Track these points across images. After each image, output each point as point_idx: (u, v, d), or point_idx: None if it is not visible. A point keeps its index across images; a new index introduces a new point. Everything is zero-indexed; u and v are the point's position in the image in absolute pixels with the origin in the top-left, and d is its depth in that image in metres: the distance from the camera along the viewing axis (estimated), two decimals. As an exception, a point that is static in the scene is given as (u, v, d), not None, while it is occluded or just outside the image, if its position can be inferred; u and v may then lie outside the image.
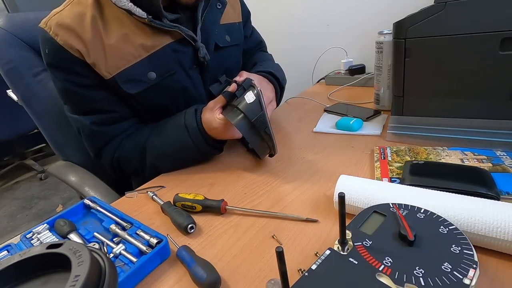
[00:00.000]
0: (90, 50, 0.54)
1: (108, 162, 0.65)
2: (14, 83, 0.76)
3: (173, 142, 0.60)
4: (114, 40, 0.55)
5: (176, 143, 0.60)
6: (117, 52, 0.56)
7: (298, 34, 1.31)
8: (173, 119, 0.62)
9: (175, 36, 0.60)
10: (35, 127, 0.80)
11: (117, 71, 0.56)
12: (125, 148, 0.63)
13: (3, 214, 1.99)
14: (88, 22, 0.54)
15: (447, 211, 0.35)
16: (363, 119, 0.72)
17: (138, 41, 0.57)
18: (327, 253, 0.32)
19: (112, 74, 0.56)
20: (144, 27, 0.57)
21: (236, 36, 0.74)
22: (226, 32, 0.70)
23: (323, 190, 0.50)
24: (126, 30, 0.56)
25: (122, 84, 0.57)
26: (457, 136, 0.56)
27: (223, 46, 0.69)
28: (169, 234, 0.44)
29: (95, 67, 0.55)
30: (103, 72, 0.56)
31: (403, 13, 0.65)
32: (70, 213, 0.52)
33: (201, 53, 0.62)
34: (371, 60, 0.82)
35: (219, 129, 0.57)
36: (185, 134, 0.58)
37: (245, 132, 0.53)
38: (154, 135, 0.62)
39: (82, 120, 0.60)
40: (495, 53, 0.52)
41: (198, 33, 0.62)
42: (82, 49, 0.54)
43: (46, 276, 0.25)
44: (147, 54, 0.58)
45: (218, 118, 0.56)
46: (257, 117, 0.53)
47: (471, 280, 0.26)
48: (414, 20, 0.57)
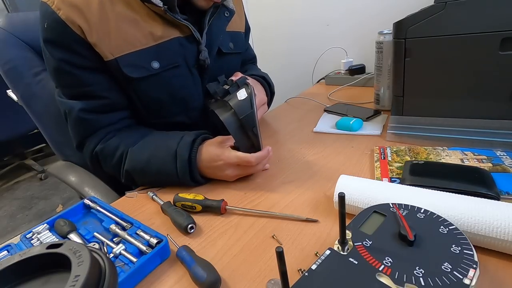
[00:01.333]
0: (93, 29, 0.52)
1: (89, 154, 0.62)
2: (14, 83, 0.76)
3: (156, 164, 0.55)
4: (122, 22, 0.54)
5: (159, 167, 0.55)
6: (124, 35, 0.55)
7: (298, 34, 1.31)
8: (166, 139, 0.58)
9: (184, 31, 0.60)
10: (35, 127, 0.80)
11: (120, 53, 0.55)
12: (109, 144, 0.60)
13: (3, 214, 1.99)
14: (96, 2, 0.53)
15: (447, 211, 0.35)
16: (363, 119, 0.72)
17: (147, 29, 0.56)
18: (327, 253, 0.32)
19: (114, 55, 0.55)
20: (155, 16, 0.57)
21: (239, 44, 0.75)
22: (230, 39, 0.71)
23: (323, 190, 0.50)
24: (136, 16, 0.56)
25: (124, 67, 0.55)
26: (457, 136, 0.56)
27: (226, 52, 0.69)
28: (169, 234, 0.44)
29: (95, 47, 0.53)
30: (105, 53, 0.54)
31: (403, 13, 0.65)
32: (70, 213, 0.52)
33: (202, 56, 0.62)
34: (371, 60, 0.82)
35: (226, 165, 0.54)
36: (172, 163, 0.54)
37: (232, 129, 0.53)
38: (141, 147, 0.58)
39: (71, 104, 0.58)
40: (495, 53, 0.52)
41: (204, 36, 0.62)
42: (85, 26, 0.52)
43: (46, 276, 0.25)
44: (154, 43, 0.57)
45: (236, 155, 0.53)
46: (246, 115, 0.52)
47: (471, 280, 0.26)
48: (414, 20, 0.57)
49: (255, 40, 1.41)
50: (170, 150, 0.55)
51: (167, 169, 0.55)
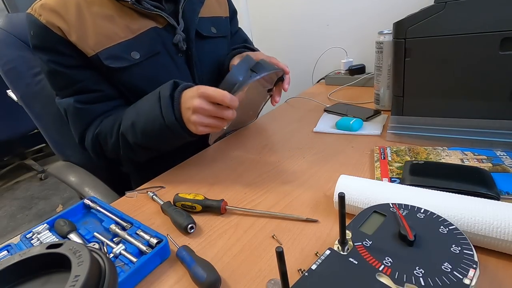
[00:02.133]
0: (71, 28, 0.56)
1: (90, 143, 0.63)
2: (14, 83, 0.76)
3: (144, 112, 0.56)
4: (99, 20, 0.57)
5: (147, 114, 0.55)
6: (102, 31, 0.58)
7: (298, 34, 1.31)
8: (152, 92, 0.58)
9: (160, 22, 0.63)
10: (35, 127, 0.80)
11: (100, 48, 0.58)
12: (104, 124, 0.62)
13: (3, 214, 1.99)
14: (72, 4, 0.57)
15: (447, 211, 0.35)
16: (363, 119, 0.72)
17: (123, 23, 0.59)
18: (327, 253, 0.32)
19: (95, 51, 0.57)
20: (130, 11, 0.60)
21: (223, 29, 0.76)
22: (211, 24, 0.73)
23: (323, 190, 0.50)
24: (112, 13, 0.59)
25: (105, 60, 0.58)
26: (457, 136, 0.56)
27: (207, 36, 0.71)
28: (169, 234, 0.44)
29: (77, 45, 0.57)
30: (87, 50, 0.57)
31: (403, 13, 0.65)
32: (70, 213, 0.52)
33: (175, 39, 0.64)
34: (371, 60, 0.82)
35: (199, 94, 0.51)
36: (156, 105, 0.54)
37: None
38: (131, 107, 0.60)
39: (68, 101, 0.61)
40: (495, 53, 0.52)
41: (180, 22, 0.64)
42: (64, 27, 0.55)
43: (46, 276, 0.25)
44: (132, 36, 0.60)
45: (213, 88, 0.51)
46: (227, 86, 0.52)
47: (471, 280, 0.26)
48: (414, 20, 0.57)
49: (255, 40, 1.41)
50: (153, 93, 0.56)
51: (154, 113, 0.54)
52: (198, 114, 0.52)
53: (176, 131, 0.54)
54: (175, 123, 0.53)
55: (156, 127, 0.55)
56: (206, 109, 0.51)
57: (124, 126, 0.58)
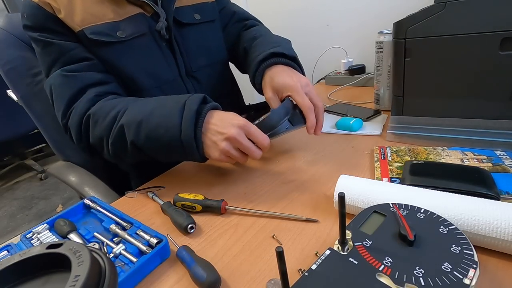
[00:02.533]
0: (61, 6, 0.57)
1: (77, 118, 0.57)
2: (14, 83, 0.76)
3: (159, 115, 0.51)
4: (89, 2, 0.59)
5: (161, 119, 0.51)
6: (90, 11, 0.59)
7: (298, 34, 1.31)
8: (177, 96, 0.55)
9: (147, 11, 0.65)
10: (35, 127, 0.80)
11: (87, 25, 0.59)
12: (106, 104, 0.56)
13: (3, 214, 1.99)
14: None
15: (447, 211, 0.35)
16: (363, 119, 0.72)
17: (111, 7, 0.61)
18: (327, 253, 0.32)
19: (81, 27, 0.58)
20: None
21: (208, 14, 0.75)
22: (194, 11, 0.73)
23: (323, 190, 0.50)
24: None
25: (89, 34, 0.58)
26: (457, 136, 0.56)
27: (189, 23, 0.71)
28: (169, 234, 0.44)
29: (65, 21, 0.58)
30: (74, 26, 0.58)
31: (403, 13, 0.65)
32: (70, 213, 0.52)
33: (157, 27, 0.65)
34: (371, 60, 0.82)
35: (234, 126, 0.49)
36: (177, 114, 0.50)
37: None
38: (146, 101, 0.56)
39: (55, 75, 0.59)
40: (495, 53, 0.52)
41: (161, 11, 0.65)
42: (54, 5, 0.57)
43: (46, 276, 0.25)
44: (119, 18, 0.61)
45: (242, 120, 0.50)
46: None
47: (471, 280, 0.26)
48: (414, 20, 0.58)
49: (255, 40, 1.41)
50: (177, 101, 0.52)
51: (170, 121, 0.50)
52: (230, 143, 0.50)
53: (188, 149, 0.50)
54: (191, 141, 0.49)
55: (166, 137, 0.50)
56: (242, 143, 0.49)
57: (128, 119, 0.53)
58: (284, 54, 0.64)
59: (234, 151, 0.51)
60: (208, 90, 0.75)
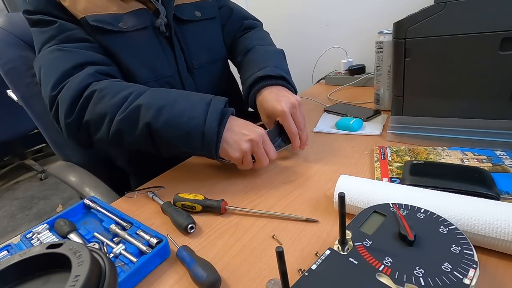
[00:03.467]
0: None
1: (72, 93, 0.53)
2: (14, 83, 0.76)
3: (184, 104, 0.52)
4: None
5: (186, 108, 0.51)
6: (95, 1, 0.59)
7: (298, 34, 1.31)
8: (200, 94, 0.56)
9: (149, 7, 0.66)
10: (35, 127, 0.80)
11: (90, 13, 0.59)
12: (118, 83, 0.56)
13: (3, 214, 1.99)
14: None
15: (447, 211, 0.35)
16: (363, 119, 0.72)
17: (116, 1, 0.62)
18: (327, 253, 0.32)
19: (83, 14, 0.59)
20: None
21: (208, 11, 0.76)
22: (195, 9, 0.73)
23: (323, 190, 0.50)
24: None
25: (91, 21, 0.59)
26: (457, 136, 0.56)
27: (189, 20, 0.71)
28: (169, 234, 0.44)
29: (69, 9, 0.58)
30: (76, 13, 0.58)
31: (403, 13, 0.65)
32: (70, 213, 0.52)
33: (156, 23, 0.65)
34: (371, 60, 0.82)
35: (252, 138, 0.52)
36: (203, 108, 0.51)
37: None
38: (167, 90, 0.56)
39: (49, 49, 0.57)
40: (495, 53, 0.52)
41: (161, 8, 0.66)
42: None
43: (46, 276, 0.25)
44: (123, 12, 0.62)
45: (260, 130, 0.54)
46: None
47: (471, 280, 0.26)
48: (414, 20, 0.58)
49: (255, 40, 1.41)
50: (204, 98, 0.54)
51: (195, 112, 0.51)
52: (251, 145, 0.53)
53: (208, 143, 0.51)
54: (213, 135, 0.50)
55: (188, 125, 0.50)
56: (260, 147, 0.53)
57: (148, 101, 0.52)
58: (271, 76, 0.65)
59: (249, 155, 0.54)
60: (208, 87, 0.75)
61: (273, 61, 0.71)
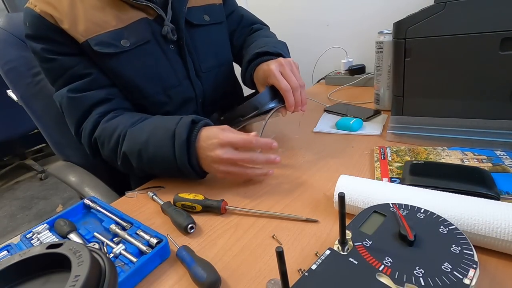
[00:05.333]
0: (63, 16, 0.57)
1: (87, 139, 0.62)
2: (14, 83, 0.76)
3: (154, 145, 0.54)
4: (91, 10, 0.59)
5: (156, 149, 0.54)
6: (93, 20, 0.59)
7: (298, 34, 1.31)
8: (166, 120, 0.57)
9: (150, 14, 0.64)
10: (35, 127, 0.80)
11: (91, 35, 0.58)
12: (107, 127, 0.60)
13: (3, 214, 1.99)
14: None
15: (447, 211, 0.35)
16: (363, 119, 0.72)
17: (114, 13, 0.60)
18: (327, 253, 0.32)
19: (85, 37, 0.58)
20: (120, 3, 0.61)
21: (216, 16, 0.76)
22: (204, 12, 0.73)
23: (323, 190, 0.50)
24: (103, 4, 0.60)
25: (94, 46, 0.59)
26: (457, 136, 0.56)
27: (199, 24, 0.71)
28: (169, 234, 0.44)
29: (69, 32, 0.58)
30: (78, 36, 0.58)
31: (403, 13, 0.65)
32: (70, 213, 0.52)
33: (163, 31, 0.64)
34: (371, 60, 0.82)
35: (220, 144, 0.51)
36: (169, 145, 0.52)
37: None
38: (140, 128, 0.57)
39: (62, 92, 0.61)
40: (495, 53, 0.52)
41: (169, 12, 0.65)
42: (57, 15, 0.57)
43: (46, 276, 0.25)
44: (123, 25, 0.61)
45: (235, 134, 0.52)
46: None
47: (471, 280, 0.26)
48: (414, 20, 0.58)
49: (255, 40, 1.41)
50: (168, 129, 0.54)
51: (163, 152, 0.53)
52: (221, 164, 0.51)
53: (187, 174, 0.54)
54: (187, 168, 0.53)
55: (165, 164, 0.54)
56: (233, 158, 0.51)
57: (128, 148, 0.56)
58: (268, 52, 0.68)
59: (231, 168, 0.52)
60: (214, 91, 0.76)
61: (273, 44, 0.73)
